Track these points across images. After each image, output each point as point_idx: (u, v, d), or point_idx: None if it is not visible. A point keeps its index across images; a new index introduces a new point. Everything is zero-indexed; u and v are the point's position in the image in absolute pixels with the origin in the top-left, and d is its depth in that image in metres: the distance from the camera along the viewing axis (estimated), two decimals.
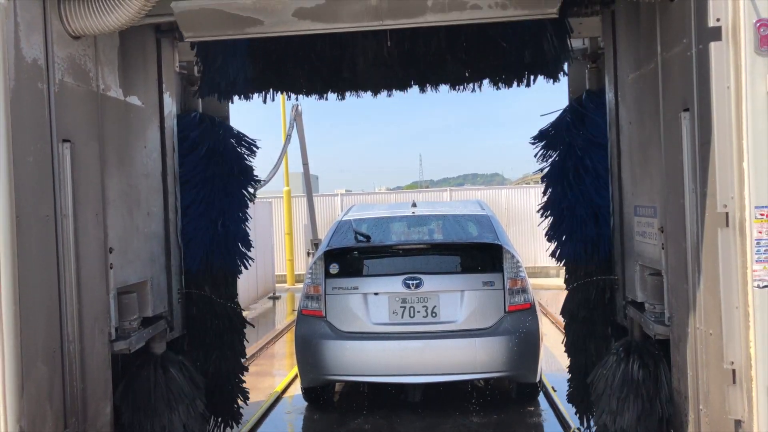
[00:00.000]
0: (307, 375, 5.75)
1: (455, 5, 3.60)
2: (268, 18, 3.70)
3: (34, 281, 3.15)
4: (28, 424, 3.05)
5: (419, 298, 5.55)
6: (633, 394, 3.95)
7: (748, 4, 2.74)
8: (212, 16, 3.71)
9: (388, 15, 3.63)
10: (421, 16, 3.66)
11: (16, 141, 3.02)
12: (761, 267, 2.76)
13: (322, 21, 3.69)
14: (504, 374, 5.57)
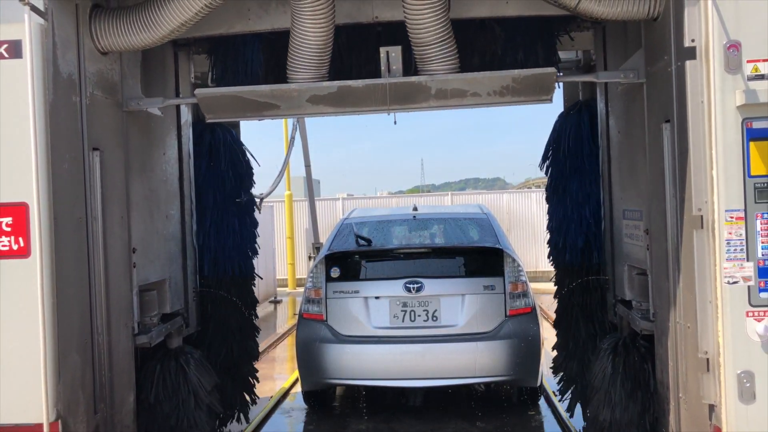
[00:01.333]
0: (307, 378, 5.78)
1: (456, 93, 3.97)
2: (284, 103, 4.07)
3: (68, 278, 3.50)
4: (64, 408, 3.40)
5: (420, 302, 5.57)
6: (621, 386, 4.30)
7: (718, 27, 3.10)
8: (232, 101, 4.08)
9: (395, 101, 4.01)
10: (425, 102, 4.05)
11: (53, 149, 3.38)
12: (731, 264, 3.11)
13: (334, 106, 4.08)
14: (505, 378, 5.59)
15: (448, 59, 3.93)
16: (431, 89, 3.98)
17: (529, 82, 3.95)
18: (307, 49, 3.88)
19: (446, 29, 3.88)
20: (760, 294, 3.10)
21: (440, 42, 3.87)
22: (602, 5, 3.63)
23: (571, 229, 5.20)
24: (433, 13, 3.77)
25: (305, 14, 3.76)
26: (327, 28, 3.85)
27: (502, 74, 3.96)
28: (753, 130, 3.10)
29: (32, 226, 3.30)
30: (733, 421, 3.07)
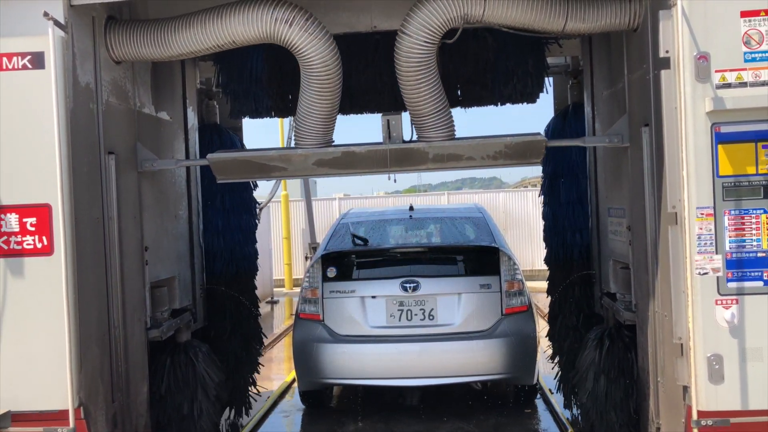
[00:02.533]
0: (304, 378, 5.87)
1: (452, 158, 4.32)
2: (291, 166, 4.40)
3: (88, 274, 3.81)
4: (86, 396, 3.71)
5: (417, 301, 5.65)
6: (607, 374, 4.64)
7: (689, 39, 3.42)
8: (242, 164, 4.44)
9: (395, 164, 4.37)
10: (423, 164, 4.40)
11: (74, 154, 3.68)
12: (701, 257, 3.44)
13: (338, 168, 4.41)
14: (501, 377, 5.68)
15: (444, 127, 4.27)
16: (429, 154, 4.32)
17: (520, 148, 4.30)
18: (314, 118, 4.23)
19: (442, 101, 4.24)
20: (728, 284, 3.43)
21: (437, 113, 4.22)
22: (587, 23, 3.96)
23: (562, 228, 5.56)
24: (429, 87, 4.13)
25: (313, 87, 4.12)
26: (333, 100, 4.21)
27: (496, 141, 4.33)
28: (721, 134, 3.43)
29: (55, 225, 3.61)
30: (704, 400, 3.40)
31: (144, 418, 4.41)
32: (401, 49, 4.08)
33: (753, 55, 3.41)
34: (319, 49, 4.01)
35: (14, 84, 3.61)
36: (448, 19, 3.98)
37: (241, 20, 3.97)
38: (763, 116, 3.40)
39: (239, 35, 4.02)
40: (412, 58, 4.06)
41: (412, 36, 4.02)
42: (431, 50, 4.07)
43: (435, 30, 4.00)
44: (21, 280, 3.64)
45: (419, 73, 4.10)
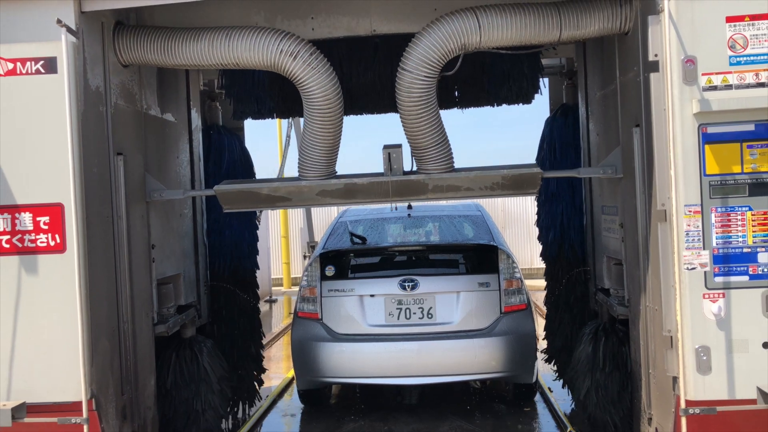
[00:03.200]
0: (303, 377, 5.91)
1: (451, 189, 4.50)
2: (296, 197, 4.57)
3: (98, 271, 3.98)
4: (97, 388, 3.88)
5: (415, 300, 5.69)
6: (602, 367, 4.83)
7: (677, 44, 3.60)
8: (248, 195, 4.60)
9: (396, 194, 4.54)
10: (423, 195, 4.58)
11: (85, 155, 3.85)
12: (689, 253, 3.62)
13: (341, 198, 4.58)
14: (500, 375, 5.71)
15: (443, 159, 4.44)
16: (429, 185, 4.49)
17: (517, 180, 4.48)
18: (317, 149, 4.40)
19: (441, 134, 4.41)
20: (715, 278, 3.61)
21: (436, 145, 4.39)
22: (580, 29, 4.14)
23: (558, 226, 5.74)
24: (430, 121, 4.30)
25: (315, 119, 4.30)
26: (335, 132, 4.38)
27: (493, 173, 4.50)
28: (707, 135, 3.61)
29: (68, 224, 3.78)
30: (692, 390, 3.59)
31: (151, 411, 4.58)
32: (402, 84, 4.23)
33: (738, 58, 3.59)
34: (321, 83, 4.18)
35: (28, 88, 3.78)
36: (446, 51, 4.15)
37: (248, 46, 4.15)
38: (748, 117, 3.58)
39: (244, 59, 4.20)
40: (413, 93, 4.21)
41: (413, 72, 4.18)
42: (432, 84, 4.22)
43: (435, 64, 4.17)
44: (35, 276, 3.81)
45: (420, 108, 4.25)
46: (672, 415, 3.74)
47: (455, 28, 4.11)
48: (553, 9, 4.13)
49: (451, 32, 4.11)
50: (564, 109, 5.74)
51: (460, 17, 4.14)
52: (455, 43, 4.13)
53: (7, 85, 3.78)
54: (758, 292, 3.60)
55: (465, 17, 4.12)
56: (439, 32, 4.13)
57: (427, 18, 4.66)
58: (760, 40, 3.58)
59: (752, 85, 3.58)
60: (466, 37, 4.11)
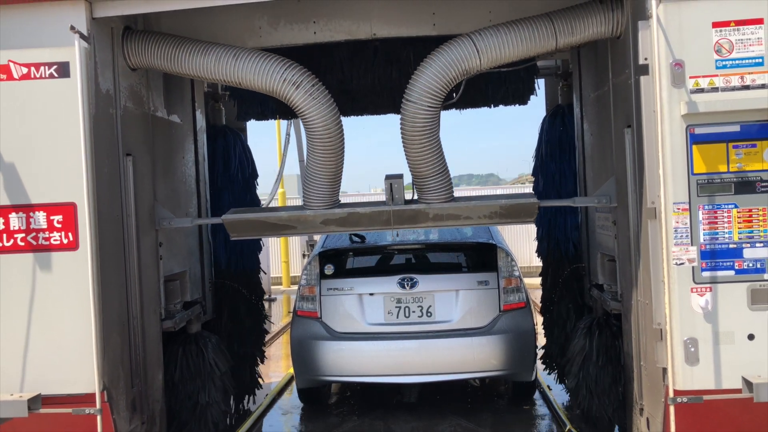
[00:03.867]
0: (302, 376, 5.96)
1: (451, 217, 4.67)
2: (300, 225, 4.73)
3: (109, 268, 4.16)
4: (108, 381, 4.06)
5: (414, 298, 5.75)
6: (596, 361, 5.01)
7: (665, 48, 3.79)
8: (255, 224, 4.77)
9: (398, 222, 4.70)
10: (424, 223, 4.73)
11: (96, 156, 4.03)
12: (678, 249, 3.81)
13: (344, 226, 4.74)
14: (499, 373, 5.75)
15: (443, 189, 4.61)
16: (429, 214, 4.65)
17: (514, 209, 4.66)
18: (320, 179, 4.58)
19: (443, 164, 4.58)
20: (702, 273, 3.79)
21: (437, 175, 4.58)
22: (576, 36, 4.31)
23: (554, 223, 5.93)
24: (432, 150, 4.47)
25: (316, 149, 4.47)
26: (336, 161, 4.55)
27: (491, 203, 4.68)
28: (695, 135, 3.80)
29: (80, 222, 3.96)
30: (680, 380, 3.77)
31: (159, 404, 4.77)
32: (406, 115, 4.39)
33: (724, 62, 3.77)
34: (321, 113, 4.34)
35: (41, 91, 3.96)
36: (449, 79, 4.32)
37: (253, 69, 4.32)
38: (733, 119, 3.76)
39: (247, 81, 4.37)
40: (417, 123, 4.38)
41: (417, 102, 4.34)
42: (435, 114, 4.40)
43: (438, 93, 4.34)
44: (49, 273, 3.99)
45: (423, 137, 4.42)
46: (662, 405, 3.92)
47: (455, 56, 4.27)
48: (546, 19, 4.31)
49: (451, 60, 4.26)
50: (560, 109, 5.92)
51: (458, 45, 4.30)
52: (457, 70, 4.29)
53: (22, 89, 3.96)
54: (744, 286, 3.78)
55: (462, 44, 4.29)
56: (440, 62, 4.29)
57: (426, 22, 4.86)
58: (745, 44, 3.76)
59: (737, 87, 3.76)
60: (467, 62, 4.27)
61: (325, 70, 5.29)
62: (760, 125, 3.77)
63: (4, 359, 3.98)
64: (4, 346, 3.98)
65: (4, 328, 3.98)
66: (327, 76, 5.47)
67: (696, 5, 3.76)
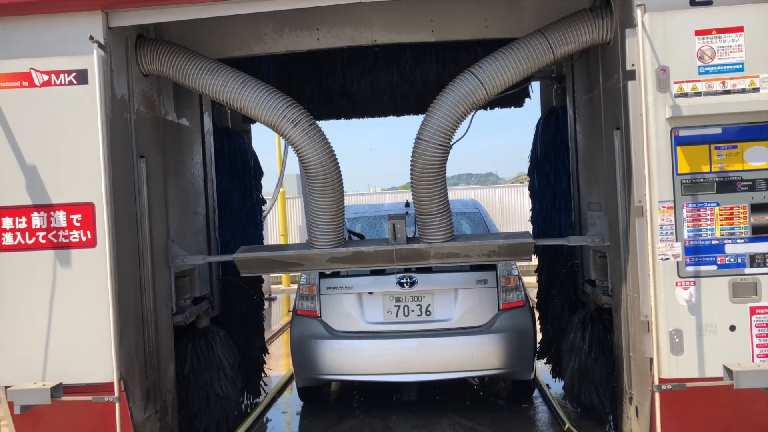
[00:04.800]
0: (302, 375, 6.00)
1: (451, 255, 4.94)
2: (307, 262, 5.00)
3: (125, 264, 4.42)
4: (125, 371, 4.33)
5: (413, 297, 5.80)
6: (589, 354, 5.28)
7: (650, 54, 4.05)
8: (264, 262, 5.05)
9: (400, 260, 4.97)
10: (425, 261, 4.99)
11: (112, 158, 4.29)
12: (663, 245, 4.07)
13: (349, 263, 5.01)
14: (498, 372, 5.79)
15: (444, 229, 4.86)
16: (430, 253, 4.92)
17: (511, 248, 4.95)
18: (322, 218, 4.83)
19: (446, 204, 4.84)
20: (686, 268, 4.06)
21: (440, 213, 4.83)
22: (570, 45, 4.56)
23: (549, 221, 6.21)
24: (438, 189, 4.74)
25: (315, 188, 4.74)
26: (336, 199, 4.81)
27: (489, 243, 4.96)
28: (679, 137, 4.06)
29: (98, 221, 4.22)
30: (666, 369, 4.03)
31: (171, 394, 5.03)
32: (418, 153, 4.64)
33: (706, 68, 4.03)
34: (317, 151, 4.58)
35: (61, 97, 4.22)
36: (459, 116, 4.58)
37: (256, 101, 4.57)
38: (715, 122, 4.03)
39: (248, 110, 4.62)
40: (427, 161, 4.64)
41: (428, 141, 4.60)
42: (445, 153, 4.66)
43: (449, 131, 4.60)
44: (68, 269, 4.25)
45: (432, 175, 4.67)
46: (649, 394, 4.19)
47: (462, 93, 4.51)
48: (539, 35, 4.56)
49: (459, 97, 4.51)
50: (554, 111, 6.19)
51: (462, 81, 4.54)
52: (466, 105, 4.54)
53: (43, 95, 4.22)
54: (726, 280, 4.04)
55: (466, 79, 4.53)
56: (449, 100, 4.53)
57: (424, 28, 5.13)
58: (726, 51, 4.02)
59: (719, 92, 4.02)
60: (474, 96, 4.52)
61: (327, 75, 5.58)
62: (741, 127, 4.03)
63: (28, 350, 4.24)
64: (27, 338, 4.24)
65: (28, 322, 4.24)
66: (329, 80, 5.74)
67: (680, 14, 4.02)
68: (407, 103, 6.22)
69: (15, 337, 4.25)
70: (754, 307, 4.02)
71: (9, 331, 4.24)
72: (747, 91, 4.00)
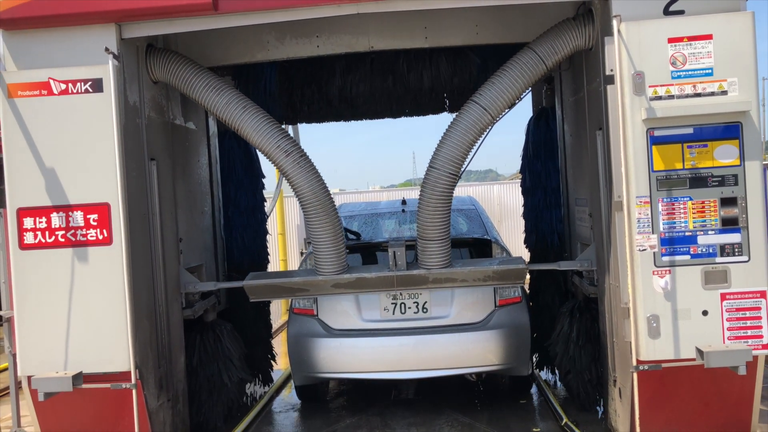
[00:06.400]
0: (300, 373, 6.04)
1: (449, 280, 5.30)
2: (313, 289, 5.39)
3: (138, 261, 4.80)
4: (139, 361, 4.71)
5: (410, 295, 5.85)
6: (576, 341, 5.67)
7: (627, 60, 4.43)
8: (272, 288, 5.44)
9: (401, 284, 5.34)
10: (424, 285, 5.37)
11: (126, 161, 4.68)
12: (641, 237, 4.45)
13: (353, 288, 5.37)
14: (496, 368, 5.84)
15: (443, 255, 5.20)
16: (429, 278, 5.28)
17: (505, 273, 5.34)
18: (323, 246, 5.19)
19: (447, 231, 5.18)
20: (662, 258, 4.44)
21: (441, 240, 5.17)
22: (559, 53, 4.95)
23: (540, 217, 6.59)
24: (443, 216, 5.09)
25: (311, 216, 5.11)
26: (334, 227, 5.16)
27: (484, 268, 5.34)
28: (655, 137, 4.44)
29: (113, 220, 4.60)
30: (644, 352, 4.42)
31: (182, 384, 5.42)
32: (428, 180, 5.02)
33: (678, 73, 4.41)
34: (308, 180, 4.98)
35: (78, 105, 4.59)
36: (469, 144, 4.97)
37: (254, 127, 4.96)
38: (687, 122, 4.40)
39: (245, 133, 5.01)
40: (437, 188, 5.02)
41: (440, 169, 4.99)
42: (454, 182, 5.04)
43: (459, 160, 4.98)
44: (86, 266, 4.63)
45: (439, 202, 5.04)
46: (630, 375, 4.58)
47: (468, 122, 4.90)
48: (529, 51, 4.93)
49: (466, 126, 4.89)
50: (544, 111, 6.58)
51: (467, 111, 4.91)
52: (474, 132, 4.93)
53: (61, 103, 4.60)
54: (698, 268, 4.43)
55: (470, 109, 4.91)
56: (458, 130, 4.91)
57: (419, 35, 5.52)
58: (697, 57, 4.41)
59: (690, 95, 4.41)
60: (480, 123, 4.92)
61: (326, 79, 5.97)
62: (711, 127, 4.41)
63: (49, 342, 4.62)
64: (48, 331, 4.62)
65: (48, 315, 4.61)
66: (328, 84, 6.14)
67: (653, 23, 4.41)
68: (403, 105, 6.62)
69: (37, 330, 4.62)
70: (724, 293, 4.40)
71: (31, 324, 4.62)
72: (716, 93, 4.38)
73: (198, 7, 4.57)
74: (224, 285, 5.78)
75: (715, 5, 4.41)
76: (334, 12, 4.69)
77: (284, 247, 18.80)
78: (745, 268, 4.38)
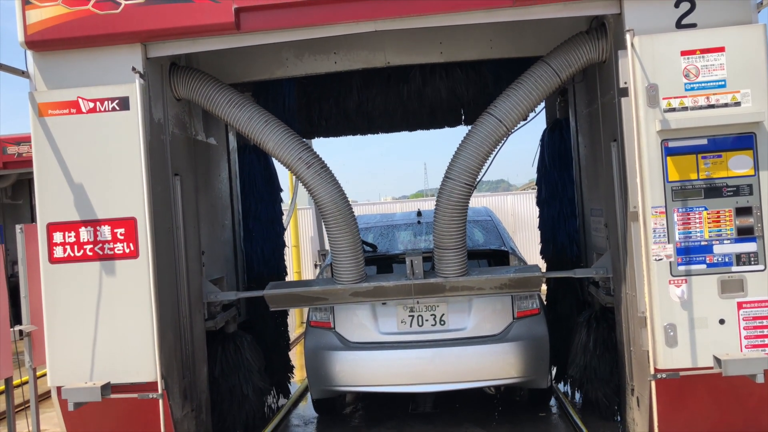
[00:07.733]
0: (317, 386, 6.05)
1: (465, 288, 5.39)
2: (332, 297, 5.49)
3: (164, 274, 4.94)
4: (165, 371, 4.84)
5: (427, 307, 5.87)
6: (594, 350, 5.75)
7: (641, 73, 4.54)
8: (292, 297, 5.57)
9: (418, 293, 5.44)
10: (441, 293, 5.46)
11: (152, 176, 4.83)
12: (657, 246, 4.54)
13: (371, 297, 5.48)
14: (514, 381, 5.82)
15: (459, 264, 5.29)
16: (446, 286, 5.37)
17: (521, 281, 5.42)
18: (342, 255, 5.31)
19: (463, 241, 5.28)
20: (678, 267, 4.52)
21: (457, 249, 5.27)
22: (573, 66, 5.06)
23: (556, 227, 6.69)
24: (459, 225, 5.20)
25: (330, 226, 5.24)
26: (353, 236, 5.29)
27: (501, 276, 5.43)
28: (669, 148, 4.54)
29: (140, 234, 4.75)
30: (662, 361, 4.49)
31: (205, 394, 5.55)
32: (444, 190, 5.15)
33: (692, 85, 4.51)
34: (329, 191, 5.11)
35: (105, 122, 4.76)
36: (485, 154, 5.09)
37: (276, 140, 5.11)
38: (701, 134, 4.49)
39: (267, 147, 5.16)
40: (452, 198, 5.14)
41: (455, 180, 5.11)
42: (469, 192, 5.16)
43: (475, 171, 5.11)
44: (113, 278, 4.78)
45: (455, 212, 5.15)
46: (648, 384, 4.66)
47: (484, 133, 5.02)
48: (543, 64, 5.05)
49: (482, 137, 5.01)
50: (558, 123, 6.69)
51: (482, 123, 5.03)
52: (489, 143, 5.06)
53: (89, 121, 4.77)
54: (714, 277, 4.50)
55: (485, 121, 5.02)
56: (474, 141, 5.03)
57: (434, 50, 5.67)
58: (710, 69, 4.51)
59: (704, 106, 4.50)
60: (495, 134, 5.05)
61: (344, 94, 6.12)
62: (724, 138, 4.50)
63: (77, 353, 4.77)
64: (77, 342, 4.77)
65: (77, 327, 4.76)
66: (345, 99, 6.29)
67: (666, 37, 4.51)
68: (419, 118, 6.76)
69: (66, 342, 4.77)
70: (741, 302, 4.48)
71: (61, 335, 4.77)
72: (729, 105, 4.47)
73: (221, 26, 4.73)
74: (245, 294, 5.90)
75: (727, 18, 4.51)
76: (352, 30, 4.84)
77: (298, 259, 18.95)
78: (762, 277, 4.45)
